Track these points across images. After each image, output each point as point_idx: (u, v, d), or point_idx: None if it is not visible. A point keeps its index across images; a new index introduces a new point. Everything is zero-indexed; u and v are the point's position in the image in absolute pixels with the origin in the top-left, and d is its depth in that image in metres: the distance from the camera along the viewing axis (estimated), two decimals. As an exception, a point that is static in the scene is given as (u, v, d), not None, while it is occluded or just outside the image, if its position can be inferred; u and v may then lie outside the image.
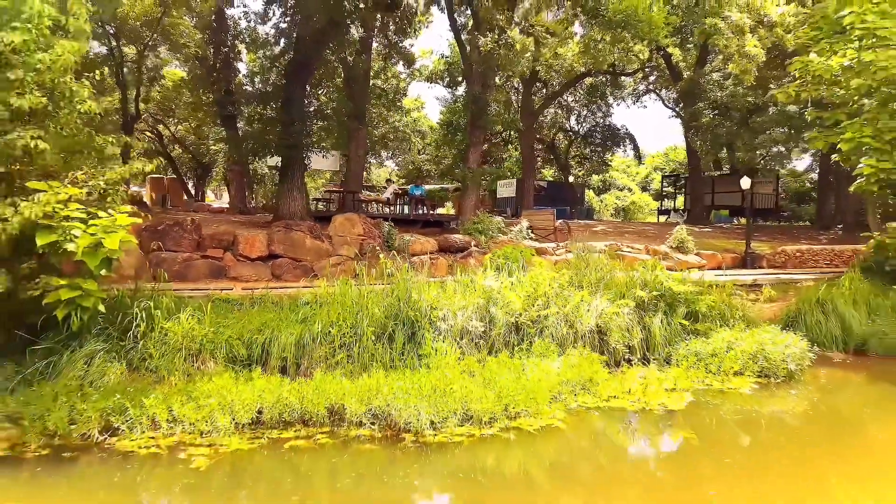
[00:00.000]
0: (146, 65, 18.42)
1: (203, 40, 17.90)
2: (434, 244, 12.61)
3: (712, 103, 22.42)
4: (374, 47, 19.71)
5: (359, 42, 16.58)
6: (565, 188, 33.23)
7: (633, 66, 26.87)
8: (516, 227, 14.30)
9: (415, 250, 12.04)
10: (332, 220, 12.29)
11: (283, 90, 15.10)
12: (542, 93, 28.76)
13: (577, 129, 35.25)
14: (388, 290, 7.65)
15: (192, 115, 24.12)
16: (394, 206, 19.23)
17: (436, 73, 26.97)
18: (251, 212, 19.89)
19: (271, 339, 6.79)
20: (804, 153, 30.32)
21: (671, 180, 39.14)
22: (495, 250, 10.65)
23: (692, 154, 26.52)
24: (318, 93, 18.54)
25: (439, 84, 27.99)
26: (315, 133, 17.22)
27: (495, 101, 21.46)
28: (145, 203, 18.73)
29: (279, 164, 16.64)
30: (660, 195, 39.91)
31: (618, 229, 21.77)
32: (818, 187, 27.32)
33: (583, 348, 7.57)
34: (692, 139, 24.04)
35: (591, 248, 10.60)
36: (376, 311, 7.19)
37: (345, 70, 17.52)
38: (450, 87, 28.81)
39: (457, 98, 29.57)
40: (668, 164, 47.70)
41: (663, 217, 34.44)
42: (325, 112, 18.05)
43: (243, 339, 6.77)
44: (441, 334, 7.23)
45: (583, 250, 10.08)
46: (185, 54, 16.71)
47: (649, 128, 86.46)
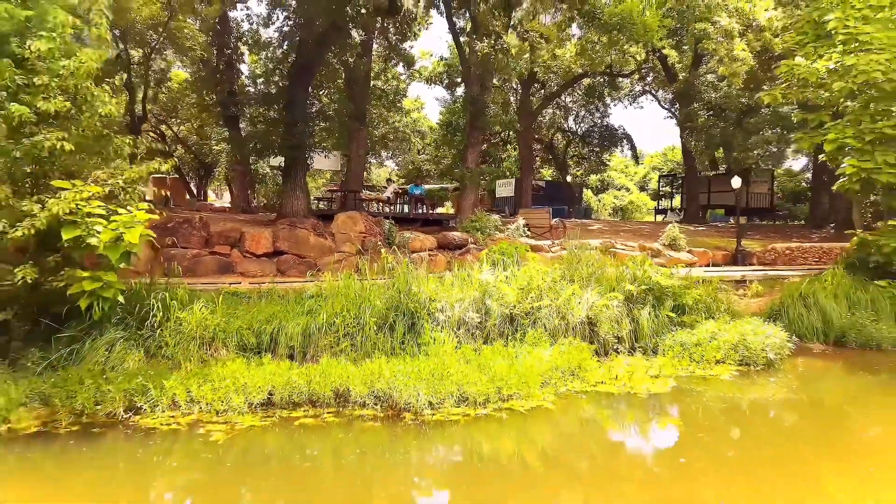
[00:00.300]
0: (152, 67, 18.83)
1: (207, 42, 18.32)
2: (433, 241, 13.03)
3: (707, 104, 22.86)
4: (375, 49, 20.12)
5: (360, 45, 16.98)
6: (563, 188, 33.66)
7: (630, 67, 27.27)
8: (513, 225, 14.72)
9: (414, 247, 12.45)
10: (335, 217, 12.72)
11: (286, 92, 15.53)
12: (541, 93, 29.17)
13: (575, 129, 35.66)
14: (389, 284, 8.08)
15: (196, 115, 24.53)
16: (394, 206, 19.64)
17: (435, 75, 27.38)
18: (253, 211, 20.31)
19: (279, 329, 7.21)
20: (798, 153, 30.75)
21: (668, 180, 39.53)
22: (492, 246, 11.07)
23: (688, 154, 26.96)
24: (319, 94, 18.95)
25: (438, 85, 28.39)
26: (317, 134, 17.65)
27: (493, 102, 21.87)
28: (150, 201, 19.12)
29: (282, 164, 17.07)
30: (657, 195, 40.33)
31: (613, 228, 22.20)
32: (812, 187, 27.71)
33: (573, 338, 7.98)
34: (687, 139, 24.47)
35: (586, 245, 10.99)
36: (378, 303, 7.62)
37: (346, 72, 17.92)
38: (449, 89, 29.22)
39: (456, 99, 29.96)
40: (667, 164, 48.10)
41: (660, 216, 34.87)
42: (327, 113, 18.48)
43: (253, 329, 7.19)
44: (439, 325, 7.65)
45: (576, 247, 10.49)
46: (191, 57, 17.11)
47: (647, 128, 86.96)
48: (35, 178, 6.63)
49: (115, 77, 8.35)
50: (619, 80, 30.22)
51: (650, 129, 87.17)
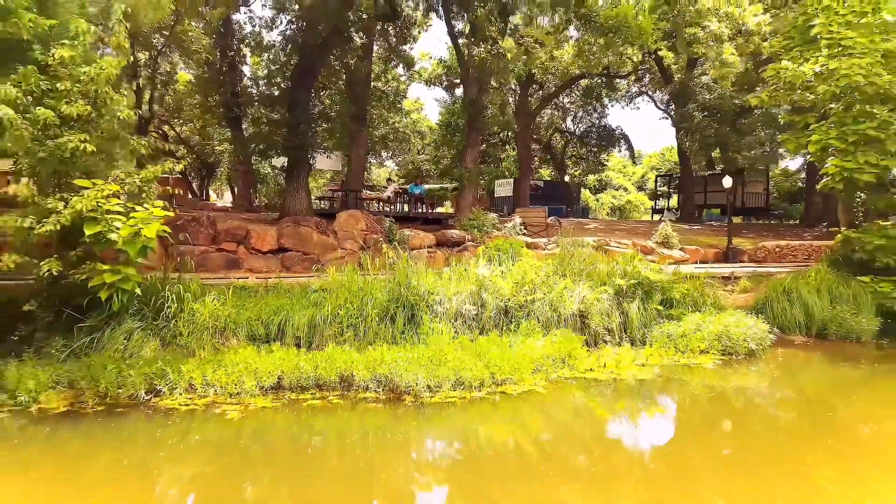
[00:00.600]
0: (159, 69, 19.25)
1: (210, 45, 18.72)
2: (432, 239, 13.45)
3: (702, 105, 23.25)
4: (375, 51, 20.53)
5: (361, 47, 17.41)
6: (561, 187, 34.09)
7: (627, 68, 27.68)
8: (510, 224, 15.15)
9: (414, 244, 12.87)
10: (337, 216, 13.13)
11: (289, 94, 15.95)
12: (539, 94, 29.56)
13: (573, 129, 36.07)
14: (389, 278, 8.51)
15: (199, 116, 24.93)
16: (394, 205, 20.05)
17: (434, 77, 27.78)
18: (255, 210, 20.71)
19: (286, 320, 7.64)
20: (794, 154, 31.11)
21: (665, 180, 39.96)
22: (488, 243, 11.50)
23: (683, 154, 27.39)
24: (321, 96, 19.37)
25: (438, 87, 28.80)
26: (319, 134, 18.06)
27: (492, 103, 22.28)
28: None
29: (284, 164, 17.48)
30: (655, 195, 40.76)
31: (609, 227, 22.63)
32: (806, 187, 28.12)
33: (565, 329, 8.41)
34: (682, 140, 24.90)
35: (581, 242, 11.41)
36: (379, 296, 8.05)
37: (347, 74, 18.34)
38: (448, 90, 29.63)
39: (455, 100, 30.35)
40: (664, 165, 48.51)
41: (657, 216, 35.28)
42: (329, 114, 18.89)
43: (261, 320, 7.62)
44: (437, 316, 8.08)
45: (569, 244, 10.92)
46: (196, 60, 17.53)
47: (645, 128, 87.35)
48: (58, 177, 7.04)
49: (133, 82, 8.69)
50: (617, 81, 30.60)
51: (647, 129, 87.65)
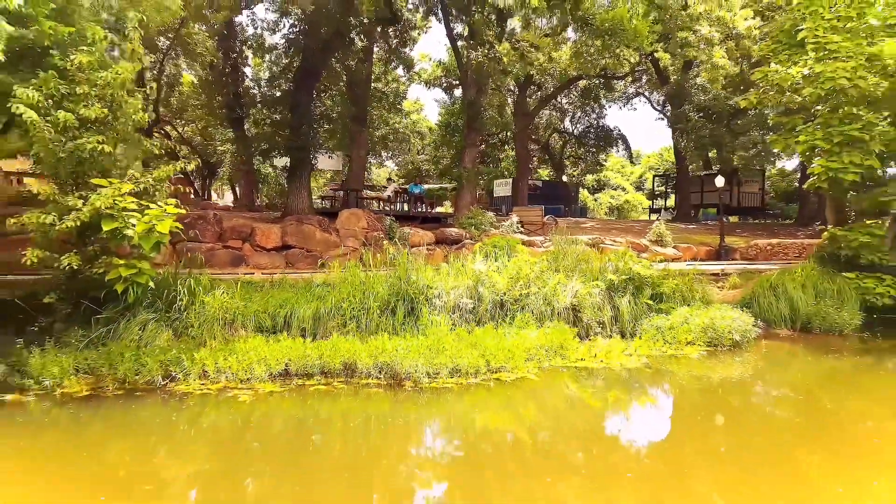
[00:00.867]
0: (165, 72, 19.62)
1: (213, 46, 19.09)
2: (431, 237, 13.85)
3: (697, 106, 23.63)
4: (375, 52, 20.90)
5: (361, 50, 17.79)
6: (560, 187, 34.44)
7: (625, 69, 28.03)
8: (507, 222, 15.53)
9: (414, 242, 13.26)
10: (339, 214, 13.53)
11: (291, 96, 16.34)
12: (537, 95, 29.91)
13: (572, 129, 36.43)
14: (390, 273, 8.89)
15: (201, 117, 25.30)
16: (394, 204, 20.43)
17: (434, 78, 28.14)
18: (257, 209, 21.11)
19: (292, 313, 8.03)
20: (789, 154, 31.47)
21: (663, 180, 40.33)
22: (485, 240, 11.89)
23: (679, 155, 27.75)
24: (322, 97, 19.75)
25: (437, 88, 29.17)
26: (320, 135, 18.46)
27: (490, 104, 22.67)
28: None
29: (286, 164, 17.86)
30: (652, 194, 41.15)
31: (606, 225, 23.02)
32: (800, 187, 28.48)
33: (559, 322, 8.80)
34: (678, 140, 25.27)
35: (576, 240, 11.77)
36: (381, 290, 8.44)
37: (348, 76, 18.73)
38: (447, 92, 29.99)
39: (455, 100, 30.71)
40: (663, 165, 48.86)
41: (654, 215, 35.65)
42: (330, 115, 19.28)
43: (268, 312, 8.01)
44: (436, 309, 8.47)
45: (563, 242, 11.30)
46: (201, 62, 17.90)
47: (643, 129, 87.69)
48: (75, 176, 7.42)
49: (146, 86, 9.02)
50: (614, 82, 30.96)
51: (645, 130, 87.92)
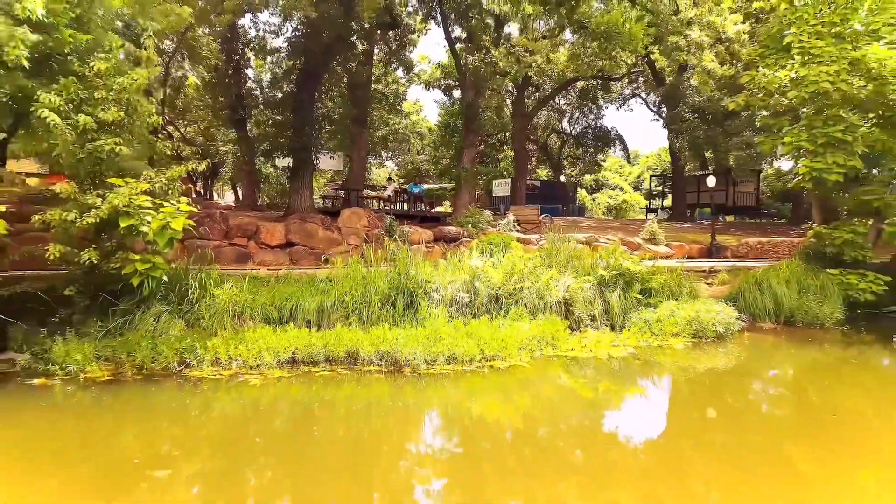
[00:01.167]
0: (171, 74, 20.05)
1: (217, 48, 19.51)
2: (430, 235, 14.28)
3: (691, 107, 24.07)
4: (375, 54, 21.34)
5: (362, 53, 18.24)
6: (558, 187, 34.89)
7: (622, 70, 28.47)
8: (503, 221, 15.97)
9: (413, 239, 13.70)
10: (341, 213, 13.97)
11: (293, 97, 16.77)
12: (536, 96, 30.35)
13: (570, 130, 36.89)
14: (390, 268, 9.32)
15: (204, 118, 25.73)
16: (394, 204, 20.87)
17: (433, 80, 28.58)
18: (259, 209, 21.54)
19: (297, 305, 8.46)
20: (782, 155, 31.90)
21: (660, 180, 40.77)
22: (482, 237, 12.32)
23: (675, 155, 28.21)
24: (324, 99, 20.18)
25: (437, 89, 29.61)
26: (322, 136, 18.89)
27: (488, 105, 23.10)
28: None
29: (288, 164, 18.28)
30: (650, 194, 41.59)
31: (602, 225, 23.48)
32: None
33: (551, 315, 9.23)
34: (673, 141, 25.72)
35: (565, 238, 12.20)
36: (381, 284, 8.87)
37: (349, 78, 19.17)
38: (446, 93, 30.44)
39: (454, 101, 31.15)
40: (661, 165, 49.30)
41: (651, 215, 36.10)
42: (332, 117, 19.72)
43: (275, 305, 8.44)
44: (434, 302, 8.90)
45: (556, 240, 11.73)
46: (206, 65, 18.33)
47: (642, 129, 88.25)
48: (93, 176, 7.86)
49: (160, 92, 9.41)
50: (611, 83, 31.41)
51: (643, 130, 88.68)
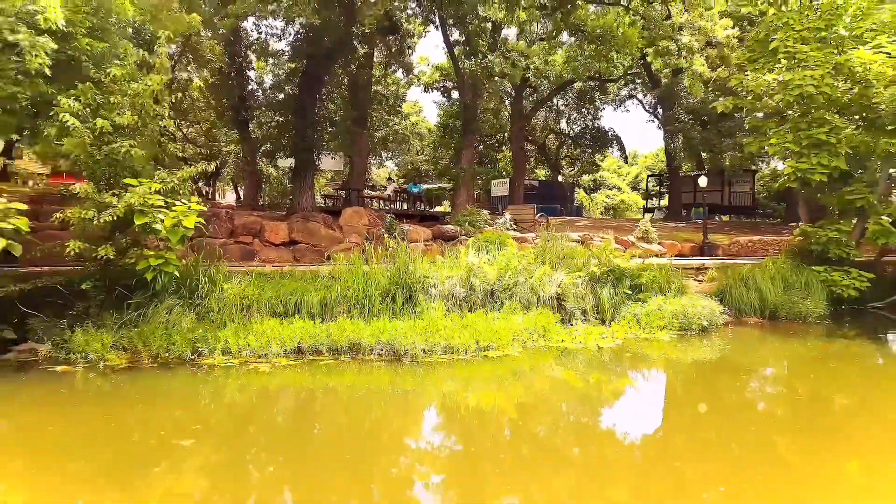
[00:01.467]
0: (175, 77, 20.48)
1: (221, 51, 19.93)
2: (429, 233, 14.72)
3: (686, 108, 24.51)
4: (375, 55, 21.76)
5: (363, 56, 18.67)
6: (556, 187, 35.32)
7: (619, 72, 28.88)
8: (500, 220, 16.41)
9: (412, 238, 14.12)
10: (343, 212, 14.41)
11: (296, 100, 17.21)
12: (534, 97, 30.74)
13: (568, 131, 37.31)
14: (390, 265, 9.76)
15: (206, 119, 26.16)
16: (394, 203, 21.33)
17: (432, 81, 29.01)
18: (261, 208, 21.96)
19: (301, 300, 8.90)
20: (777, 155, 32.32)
21: (658, 180, 41.19)
22: (478, 235, 12.76)
23: (670, 155, 28.64)
24: (326, 101, 20.61)
25: (436, 91, 30.04)
26: (324, 137, 19.30)
27: (486, 107, 23.55)
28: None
29: (290, 164, 18.71)
30: (647, 194, 42.01)
31: (598, 224, 23.90)
32: (788, 187, 29.32)
33: (544, 309, 9.67)
34: (668, 142, 26.16)
35: (557, 236, 12.62)
36: (382, 280, 9.32)
37: (350, 80, 19.60)
38: (445, 95, 30.86)
39: (453, 102, 31.56)
40: (659, 165, 49.73)
41: (648, 214, 36.54)
42: (333, 118, 20.15)
43: (280, 300, 8.88)
44: (432, 297, 9.34)
45: (550, 238, 12.16)
46: (211, 69, 18.78)
47: (640, 130, 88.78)
48: (109, 176, 8.30)
49: (174, 97, 9.78)
50: (608, 84, 31.80)
51: (641, 131, 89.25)
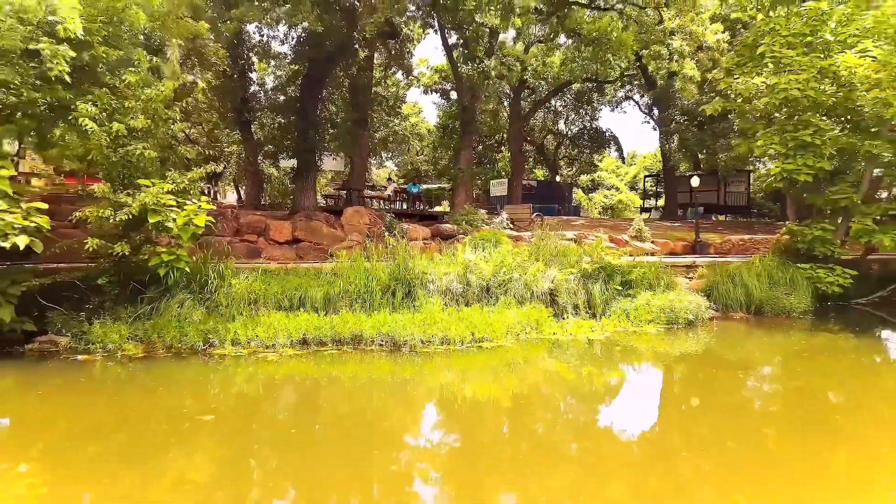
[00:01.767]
0: (181, 81, 20.93)
1: (224, 54, 20.33)
2: (428, 232, 15.17)
3: (681, 109, 24.97)
4: (375, 58, 22.19)
5: (363, 59, 19.12)
6: (554, 187, 35.76)
7: (615, 74, 29.30)
8: (497, 219, 16.85)
9: (411, 236, 14.56)
10: (344, 211, 14.85)
11: (298, 102, 17.66)
12: (532, 98, 31.17)
13: (566, 131, 37.73)
14: (390, 262, 10.20)
15: (209, 120, 26.58)
16: (393, 203, 21.78)
17: (431, 84, 29.45)
18: (263, 208, 22.40)
19: (306, 294, 9.34)
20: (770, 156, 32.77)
21: (655, 180, 41.63)
22: (475, 233, 13.20)
23: (665, 155, 29.09)
24: (327, 103, 21.06)
25: (435, 93, 30.48)
26: (325, 138, 19.76)
27: (484, 108, 23.97)
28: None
29: (293, 165, 19.15)
30: (645, 194, 42.47)
31: (594, 223, 24.33)
32: (782, 187, 29.76)
33: (537, 304, 10.11)
34: (663, 142, 26.61)
35: (550, 236, 13.05)
36: (382, 276, 9.76)
37: (350, 82, 20.05)
38: (444, 96, 31.30)
39: (452, 103, 31.99)
40: (657, 165, 50.13)
41: (645, 214, 36.99)
42: (334, 120, 20.61)
43: (285, 294, 9.32)
44: (430, 292, 9.78)
45: (545, 236, 12.60)
46: (215, 72, 19.20)
47: (637, 131, 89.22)
48: (124, 177, 8.74)
49: (184, 100, 10.21)
50: (605, 85, 32.22)
51: (639, 132, 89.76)
